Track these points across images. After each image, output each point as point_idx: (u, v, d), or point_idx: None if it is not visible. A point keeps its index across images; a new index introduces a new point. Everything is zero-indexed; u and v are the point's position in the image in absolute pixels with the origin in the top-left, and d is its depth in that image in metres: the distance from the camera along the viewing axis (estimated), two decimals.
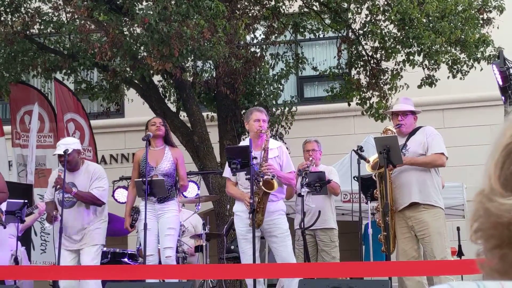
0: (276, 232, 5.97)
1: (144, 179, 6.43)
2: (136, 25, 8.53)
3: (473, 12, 9.63)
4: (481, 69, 9.74)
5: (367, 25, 10.07)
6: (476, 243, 0.77)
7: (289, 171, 6.16)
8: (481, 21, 9.88)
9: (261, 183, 5.84)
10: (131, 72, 9.39)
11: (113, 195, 8.96)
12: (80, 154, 6.69)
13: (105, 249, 7.17)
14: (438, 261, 5.46)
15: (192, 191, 8.84)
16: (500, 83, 7.63)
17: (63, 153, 6.42)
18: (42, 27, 9.93)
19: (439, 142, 5.90)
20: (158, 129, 6.71)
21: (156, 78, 10.53)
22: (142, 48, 8.81)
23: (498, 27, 9.85)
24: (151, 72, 8.92)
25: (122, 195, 8.90)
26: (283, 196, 6.28)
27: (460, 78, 10.00)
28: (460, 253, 8.60)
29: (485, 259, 0.76)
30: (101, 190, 6.59)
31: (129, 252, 7.95)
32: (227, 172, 6.23)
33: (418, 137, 5.95)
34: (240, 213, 6.04)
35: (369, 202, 7.82)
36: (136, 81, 10.05)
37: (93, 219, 6.59)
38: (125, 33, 8.86)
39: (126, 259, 7.75)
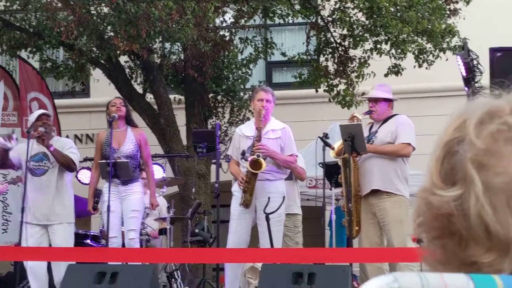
0: (264, 216, 5.82)
1: (108, 161, 6.39)
2: (103, 4, 8.43)
3: (440, 2, 9.74)
4: (447, 59, 9.85)
5: (336, 13, 10.11)
6: (420, 237, 0.80)
7: (289, 154, 6.05)
8: (447, 12, 10.00)
9: (247, 163, 5.77)
10: (98, 52, 9.28)
11: (76, 176, 8.88)
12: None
13: None
14: (399, 249, 5.53)
15: (157, 174, 8.81)
16: (464, 74, 7.73)
17: (46, 113, 6.56)
18: (8, 4, 9.74)
19: (408, 132, 5.90)
20: (118, 110, 6.62)
21: (123, 59, 10.42)
22: (109, 28, 8.71)
23: (464, 18, 9.97)
24: (118, 52, 8.84)
25: (85, 176, 8.84)
26: (283, 176, 6.13)
27: (426, 68, 10.12)
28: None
29: (428, 251, 0.79)
30: (76, 156, 6.57)
31: (92, 233, 7.92)
32: (230, 150, 6.20)
33: (389, 126, 5.97)
34: (236, 193, 5.95)
35: (333, 188, 7.90)
36: (102, 61, 9.94)
37: (61, 193, 6.53)
38: (92, 12, 8.75)
39: (88, 241, 7.72)
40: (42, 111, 6.67)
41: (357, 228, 5.87)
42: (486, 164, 0.74)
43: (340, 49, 10.61)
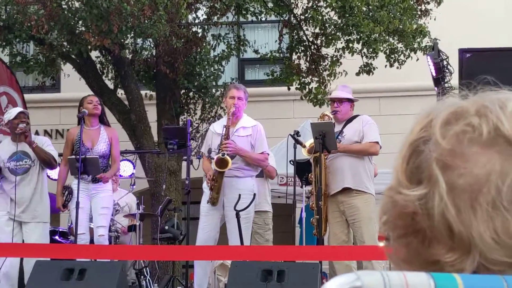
0: (232, 213, 5.82)
1: (78, 156, 6.33)
2: None
3: (411, 2, 9.85)
4: (417, 59, 9.95)
5: (308, 11, 10.15)
6: (385, 235, 0.81)
7: (260, 152, 6.01)
8: (419, 12, 10.10)
9: (213, 162, 5.77)
10: (68, 46, 9.20)
11: None
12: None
13: None
14: (368, 246, 5.59)
15: (127, 170, 8.76)
16: (434, 74, 7.81)
17: (24, 111, 6.46)
18: None
19: (374, 131, 6.06)
20: (95, 108, 6.56)
21: (94, 54, 10.34)
22: (80, 22, 8.64)
23: (435, 19, 10.08)
24: (89, 47, 8.77)
25: (54, 172, 8.69)
26: (253, 173, 6.09)
27: (397, 67, 10.22)
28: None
29: (392, 249, 0.80)
30: (55, 153, 6.55)
31: (60, 229, 7.85)
32: (204, 148, 6.18)
33: (354, 125, 6.09)
34: (207, 190, 5.95)
35: (304, 186, 7.93)
36: (73, 56, 9.85)
37: (40, 191, 6.47)
38: (63, 6, 8.67)
39: (57, 237, 7.65)
40: (19, 109, 6.57)
41: (324, 226, 5.93)
42: (451, 165, 0.75)
43: (312, 47, 10.65)
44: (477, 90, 0.81)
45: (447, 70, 7.87)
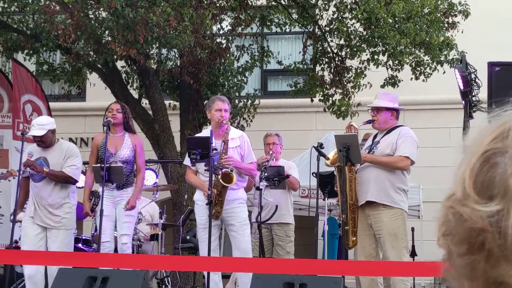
0: (234, 221, 6.00)
1: (102, 165, 6.36)
2: (102, 9, 8.42)
3: (438, 15, 9.76)
4: (444, 72, 9.86)
5: (333, 22, 10.11)
6: (442, 247, 0.77)
7: (250, 162, 6.14)
8: (446, 25, 10.01)
9: (219, 177, 5.83)
10: (95, 56, 9.26)
11: None
12: (55, 133, 6.59)
13: None
14: (393, 262, 5.46)
15: (150, 179, 8.78)
16: (462, 87, 7.72)
17: (39, 135, 6.35)
18: (5, 5, 9.71)
19: (408, 144, 5.73)
20: (114, 116, 6.61)
21: (120, 64, 10.41)
22: (106, 32, 8.70)
23: (462, 32, 9.98)
24: (115, 57, 8.83)
25: (80, 180, 8.77)
26: (244, 184, 6.27)
27: (423, 80, 10.12)
28: (413, 253, 8.68)
29: (451, 264, 0.76)
30: (74, 169, 6.50)
31: (83, 237, 7.87)
32: (187, 160, 6.20)
33: (390, 137, 5.83)
34: (200, 202, 6.04)
35: (326, 198, 7.88)
36: (99, 65, 9.93)
37: (64, 198, 6.50)
38: (90, 16, 8.74)
39: (80, 245, 7.67)
40: (34, 132, 6.47)
41: (354, 238, 5.79)
42: None
43: (336, 59, 10.61)
44: None
45: (475, 84, 7.76)
